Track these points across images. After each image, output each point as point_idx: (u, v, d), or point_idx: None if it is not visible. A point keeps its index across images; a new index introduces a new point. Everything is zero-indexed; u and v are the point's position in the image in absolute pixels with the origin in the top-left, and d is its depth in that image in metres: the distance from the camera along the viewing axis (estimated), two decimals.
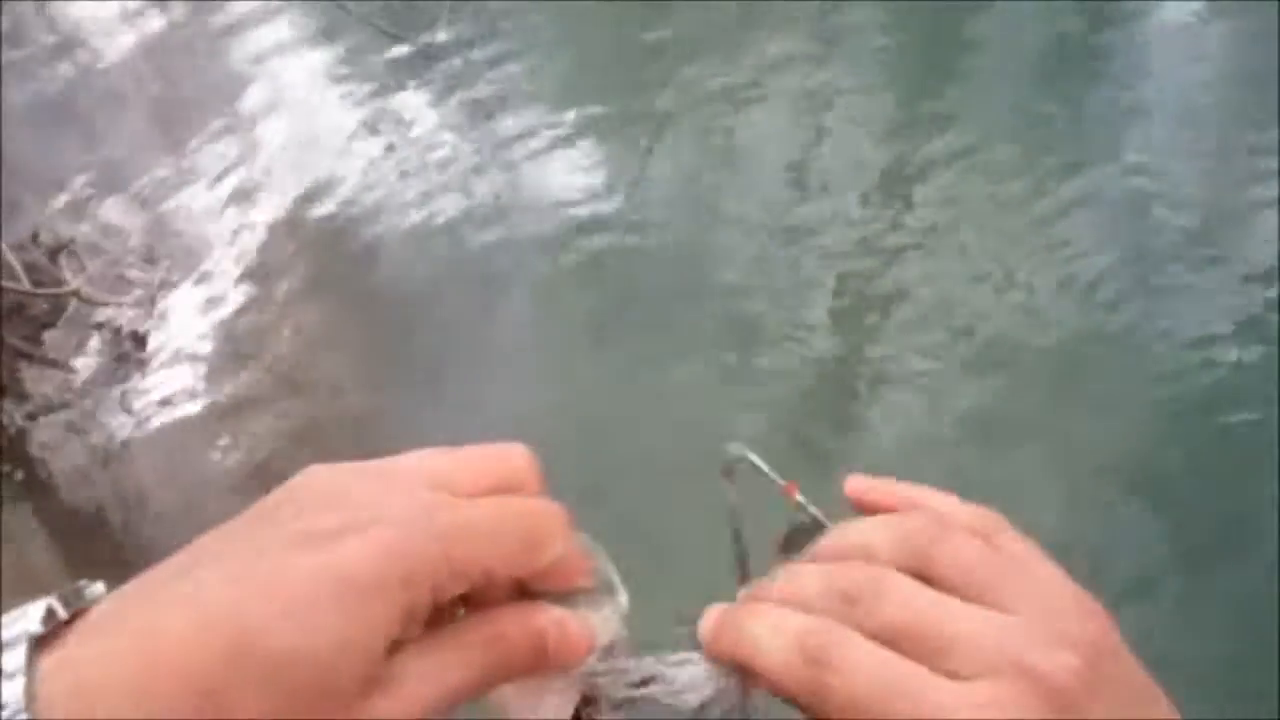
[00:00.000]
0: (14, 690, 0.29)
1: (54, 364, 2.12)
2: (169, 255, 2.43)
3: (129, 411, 2.13)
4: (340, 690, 0.31)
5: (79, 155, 2.65)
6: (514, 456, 0.38)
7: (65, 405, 2.10)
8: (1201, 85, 2.72)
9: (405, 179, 2.67)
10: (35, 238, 2.14)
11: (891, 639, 0.33)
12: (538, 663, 0.36)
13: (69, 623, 0.31)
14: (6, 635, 0.30)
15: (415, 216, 2.57)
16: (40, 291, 1.97)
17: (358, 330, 2.37)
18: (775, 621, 0.36)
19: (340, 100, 2.94)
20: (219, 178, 2.66)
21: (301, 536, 0.32)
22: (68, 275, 2.12)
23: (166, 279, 2.36)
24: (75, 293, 2.06)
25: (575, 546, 0.36)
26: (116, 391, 2.16)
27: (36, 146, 2.52)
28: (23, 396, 2.04)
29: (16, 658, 0.30)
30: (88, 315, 2.21)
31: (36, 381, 2.10)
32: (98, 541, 1.97)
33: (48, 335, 2.16)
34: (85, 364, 2.17)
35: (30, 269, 2.10)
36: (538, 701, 0.38)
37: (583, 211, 2.54)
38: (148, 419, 2.13)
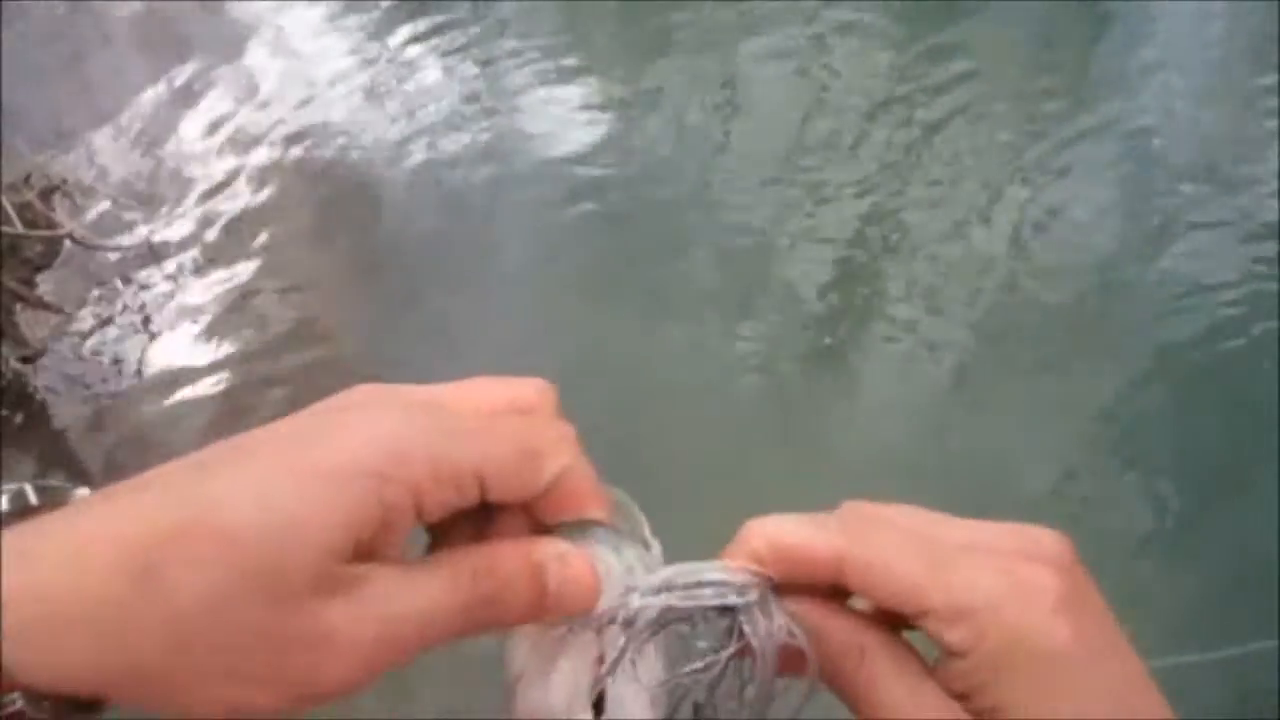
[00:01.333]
0: None
1: (49, 307, 2.11)
2: (162, 196, 2.41)
3: (126, 354, 2.13)
4: (289, 580, 0.27)
5: (71, 96, 2.61)
6: (528, 384, 0.35)
7: (62, 348, 2.10)
8: (1210, 34, 2.68)
9: (401, 118, 2.64)
10: (27, 179, 2.11)
11: None
12: (536, 605, 0.32)
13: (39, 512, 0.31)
14: None
15: (411, 157, 2.55)
16: (34, 234, 1.95)
17: (353, 274, 2.36)
18: (798, 517, 0.34)
19: (336, 38, 2.90)
20: (211, 118, 2.63)
21: (288, 429, 0.31)
22: (61, 217, 2.10)
23: (159, 219, 2.34)
24: (69, 235, 2.04)
25: (585, 469, 0.33)
26: (113, 335, 2.16)
27: (28, 87, 2.48)
28: (18, 340, 2.04)
29: None
30: (82, 257, 2.19)
31: (31, 325, 2.09)
32: (100, 486, 1.98)
33: (42, 278, 2.14)
34: (79, 307, 2.16)
35: (22, 210, 2.08)
36: (550, 667, 0.33)
37: (582, 151, 2.52)
38: (145, 362, 2.13)
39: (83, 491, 0.32)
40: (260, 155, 2.54)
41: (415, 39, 2.86)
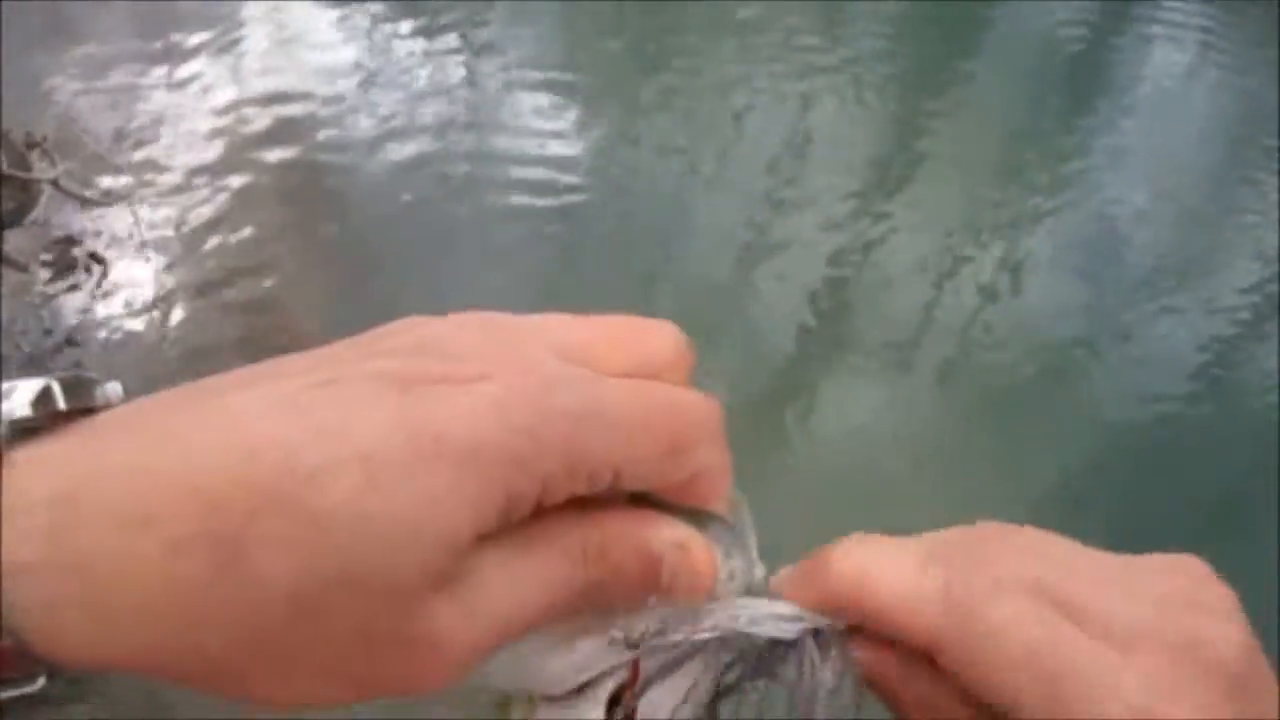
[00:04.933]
0: None
1: (13, 264, 2.09)
2: (139, 162, 2.40)
3: (81, 315, 2.12)
4: (402, 578, 0.23)
5: (56, 52, 2.59)
6: (663, 333, 0.29)
7: (21, 308, 2.08)
8: (1187, 132, 2.76)
9: (384, 113, 2.65)
10: (7, 134, 2.10)
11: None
12: (644, 592, 0.27)
13: (67, 420, 0.24)
14: None
15: (388, 152, 2.55)
16: (21, 175, 1.93)
17: (320, 260, 2.36)
18: (896, 551, 0.28)
19: (335, 22, 2.90)
20: (197, 87, 2.62)
21: (387, 375, 0.24)
22: (39, 174, 2.09)
23: (134, 186, 2.33)
24: (54, 181, 2.03)
25: (726, 464, 0.28)
26: (73, 298, 2.14)
27: (13, 42, 2.46)
28: None
29: None
30: (51, 218, 2.18)
31: None
32: None
33: (9, 235, 2.12)
34: (43, 269, 2.15)
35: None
36: (565, 651, 0.28)
37: (558, 169, 2.53)
38: (101, 331, 2.12)
39: (114, 389, 0.26)
40: (240, 130, 2.54)
41: (415, 34, 2.87)
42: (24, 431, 0.23)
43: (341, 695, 0.24)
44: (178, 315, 2.16)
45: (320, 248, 2.38)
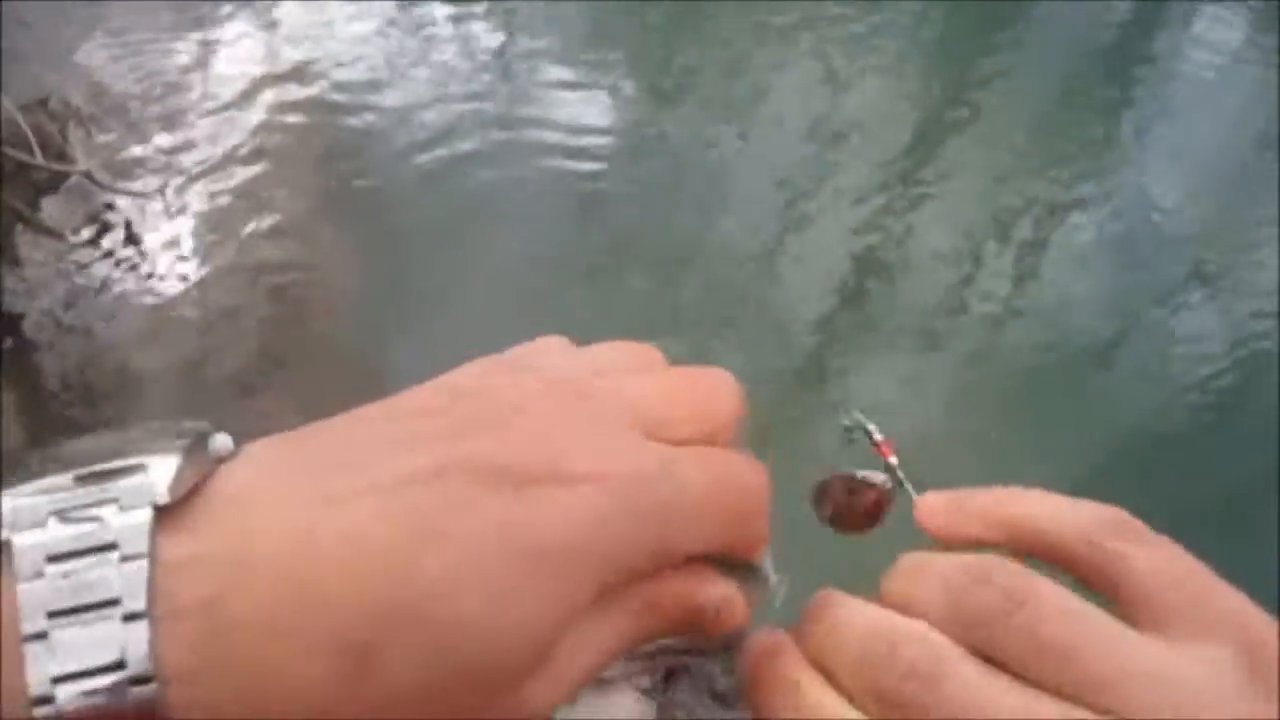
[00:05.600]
0: (133, 577, 0.23)
1: (49, 232, 2.12)
2: (169, 129, 2.41)
3: (117, 285, 2.14)
4: (507, 672, 0.26)
5: (90, 21, 2.60)
6: (725, 395, 0.33)
7: (57, 275, 2.11)
8: (1227, 119, 2.71)
9: (415, 81, 2.65)
10: (45, 103, 2.12)
11: None
12: (688, 630, 0.31)
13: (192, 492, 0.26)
14: (122, 491, 0.24)
15: (418, 118, 2.55)
16: (54, 167, 1.95)
17: (350, 226, 2.37)
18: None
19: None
20: (227, 56, 2.63)
21: (490, 472, 0.27)
22: (75, 145, 2.11)
23: (169, 159, 2.35)
24: (86, 173, 2.05)
25: (767, 525, 0.32)
26: (108, 266, 2.17)
27: (45, 11, 2.47)
28: (16, 262, 2.05)
29: (137, 533, 0.24)
30: (88, 187, 2.20)
31: (31, 247, 2.10)
32: (71, 417, 2.00)
33: (46, 201, 2.15)
34: (78, 234, 2.17)
35: (36, 133, 2.08)
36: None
37: (587, 136, 2.53)
38: (136, 296, 2.15)
39: (223, 441, 0.27)
40: (271, 98, 2.55)
41: (446, 2, 2.86)
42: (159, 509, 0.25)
43: None
44: (207, 280, 2.18)
45: (350, 213, 2.40)
